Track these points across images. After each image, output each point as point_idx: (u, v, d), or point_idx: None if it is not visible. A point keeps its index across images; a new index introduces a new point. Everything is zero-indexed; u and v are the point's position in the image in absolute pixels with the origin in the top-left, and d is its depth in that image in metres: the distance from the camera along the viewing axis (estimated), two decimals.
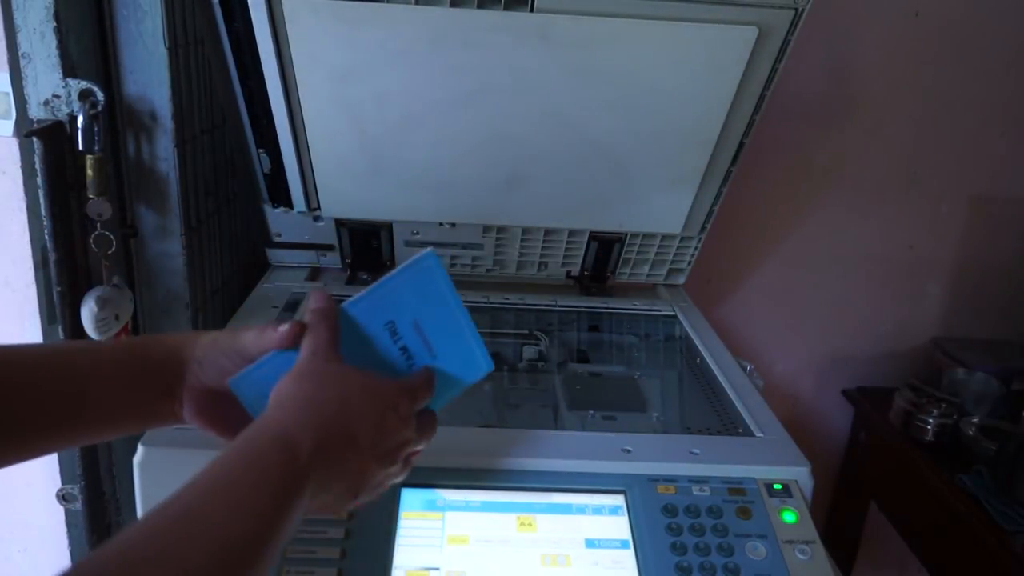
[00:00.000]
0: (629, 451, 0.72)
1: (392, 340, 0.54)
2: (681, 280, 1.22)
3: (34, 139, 0.76)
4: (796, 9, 0.83)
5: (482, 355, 0.55)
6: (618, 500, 0.69)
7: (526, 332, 1.10)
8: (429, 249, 0.54)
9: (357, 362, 0.52)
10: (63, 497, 0.90)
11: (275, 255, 1.14)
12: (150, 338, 0.56)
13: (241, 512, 0.39)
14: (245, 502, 0.40)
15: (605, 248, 1.14)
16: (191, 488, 0.40)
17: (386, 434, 0.49)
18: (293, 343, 0.51)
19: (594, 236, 1.12)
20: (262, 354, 0.52)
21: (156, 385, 0.53)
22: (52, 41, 0.76)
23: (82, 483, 0.87)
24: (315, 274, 1.16)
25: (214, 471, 0.41)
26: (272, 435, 0.44)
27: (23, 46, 0.76)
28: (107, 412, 0.52)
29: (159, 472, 0.67)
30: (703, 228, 1.12)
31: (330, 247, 1.13)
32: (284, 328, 0.52)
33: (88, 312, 0.81)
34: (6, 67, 0.78)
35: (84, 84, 0.78)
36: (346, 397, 0.48)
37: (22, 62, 0.77)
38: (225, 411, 0.54)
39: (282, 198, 1.03)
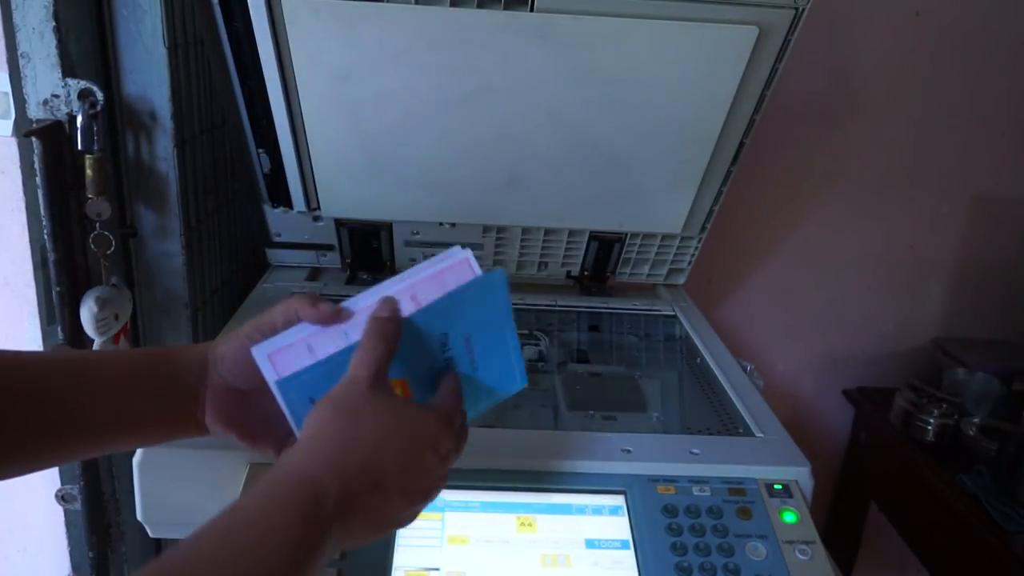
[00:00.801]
0: (629, 451, 0.72)
1: (441, 350, 0.54)
2: (681, 280, 1.22)
3: (33, 139, 0.76)
4: (796, 9, 0.83)
5: (520, 372, 0.56)
6: (618, 500, 0.69)
7: (526, 332, 1.10)
8: (501, 270, 0.54)
9: (400, 368, 0.51)
10: (62, 497, 0.89)
11: (275, 255, 1.14)
12: (173, 347, 0.55)
13: (259, 563, 0.37)
14: (263, 552, 0.38)
15: (605, 248, 1.14)
16: (208, 531, 0.38)
17: (421, 475, 0.47)
18: (330, 322, 0.50)
19: (594, 236, 1.12)
20: (289, 324, 0.51)
21: (180, 391, 0.52)
22: (51, 41, 0.76)
23: (81, 483, 0.87)
24: (315, 274, 1.16)
25: (234, 516, 0.40)
26: (298, 481, 0.42)
27: (22, 46, 0.76)
28: (132, 420, 0.52)
29: (158, 472, 0.67)
30: (703, 228, 1.12)
31: (330, 247, 1.13)
32: (326, 307, 0.51)
33: (87, 312, 0.81)
34: (5, 67, 0.78)
35: (83, 84, 0.77)
36: (383, 438, 0.46)
37: (21, 62, 0.76)
38: (245, 413, 0.53)
39: (282, 198, 1.03)
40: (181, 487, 0.67)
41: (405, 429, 0.47)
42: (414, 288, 0.53)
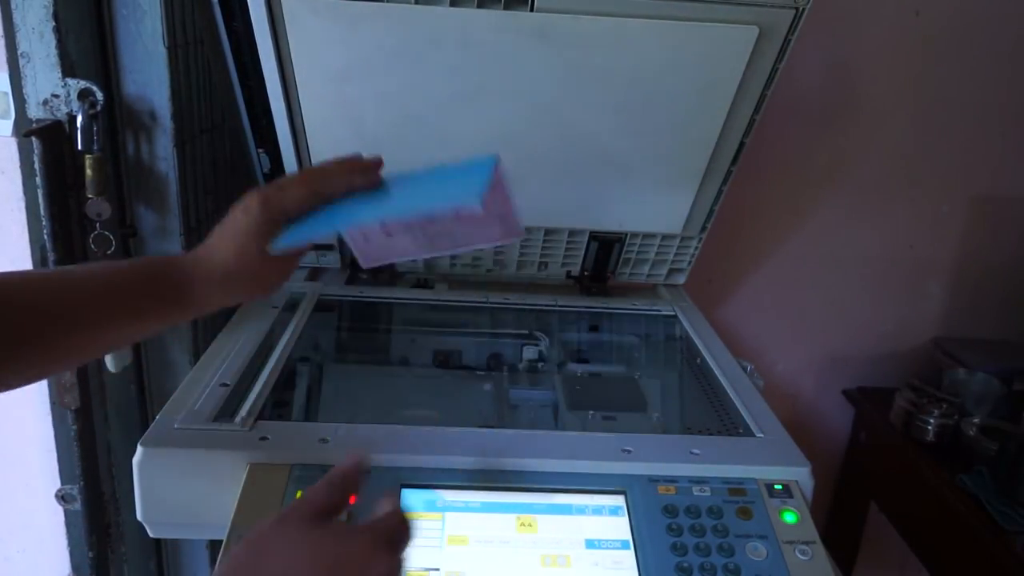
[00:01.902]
0: (629, 451, 0.72)
1: None
2: (681, 280, 1.22)
3: (33, 139, 0.76)
4: (796, 9, 0.83)
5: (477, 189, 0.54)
6: (618, 500, 0.69)
7: (526, 332, 1.10)
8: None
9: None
10: (62, 497, 0.90)
11: None
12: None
13: None
14: None
15: (605, 248, 1.14)
16: None
17: None
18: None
19: (594, 236, 1.12)
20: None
21: (169, 268, 0.57)
22: (51, 41, 0.76)
23: (81, 483, 0.87)
24: (315, 274, 1.16)
25: None
26: None
27: (22, 46, 0.76)
28: (121, 304, 0.55)
29: (158, 472, 0.67)
30: (703, 228, 1.12)
31: (330, 247, 1.13)
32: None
33: None
34: (5, 67, 0.78)
35: (83, 84, 0.77)
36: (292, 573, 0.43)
37: (21, 62, 0.77)
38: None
39: None
40: (181, 487, 0.67)
41: (321, 560, 0.43)
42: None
